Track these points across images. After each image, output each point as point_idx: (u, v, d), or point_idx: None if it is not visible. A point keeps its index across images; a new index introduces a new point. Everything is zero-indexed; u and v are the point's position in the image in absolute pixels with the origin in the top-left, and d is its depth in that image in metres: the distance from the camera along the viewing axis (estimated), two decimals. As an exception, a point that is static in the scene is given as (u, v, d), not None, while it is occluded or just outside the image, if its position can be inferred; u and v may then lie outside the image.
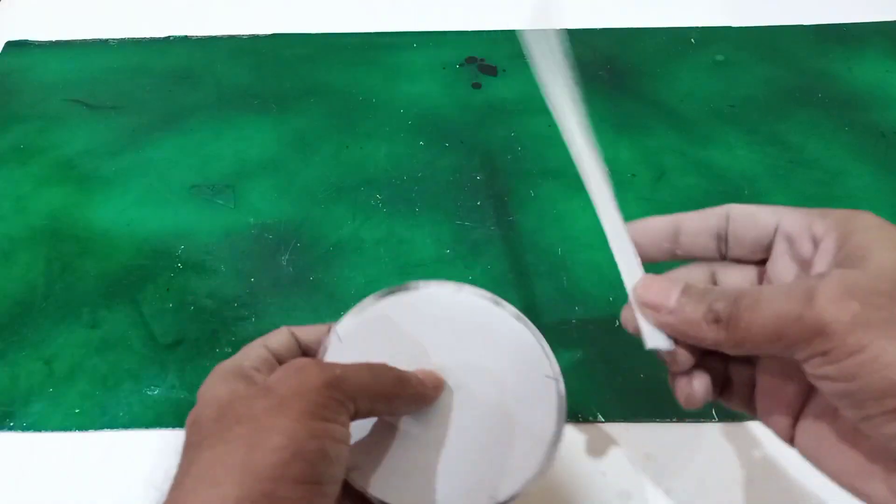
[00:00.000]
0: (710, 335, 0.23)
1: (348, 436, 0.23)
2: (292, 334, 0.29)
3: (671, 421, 0.40)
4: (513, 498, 0.26)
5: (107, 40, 0.65)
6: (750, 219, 0.26)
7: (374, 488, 0.26)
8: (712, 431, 0.39)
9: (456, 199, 0.51)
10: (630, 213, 0.29)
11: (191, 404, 0.40)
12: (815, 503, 0.37)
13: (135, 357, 0.43)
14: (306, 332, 0.29)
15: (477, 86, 0.60)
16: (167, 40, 0.65)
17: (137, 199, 0.52)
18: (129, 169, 0.54)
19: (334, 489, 0.22)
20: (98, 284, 0.46)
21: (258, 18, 0.67)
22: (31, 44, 0.65)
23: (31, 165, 0.54)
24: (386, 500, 0.26)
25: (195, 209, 0.51)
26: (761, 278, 0.27)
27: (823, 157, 0.53)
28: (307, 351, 0.29)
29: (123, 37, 0.65)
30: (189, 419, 0.24)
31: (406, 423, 0.27)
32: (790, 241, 0.25)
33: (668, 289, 0.25)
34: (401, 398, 0.25)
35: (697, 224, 0.27)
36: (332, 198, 0.51)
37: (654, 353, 0.26)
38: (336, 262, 0.47)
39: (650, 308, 0.25)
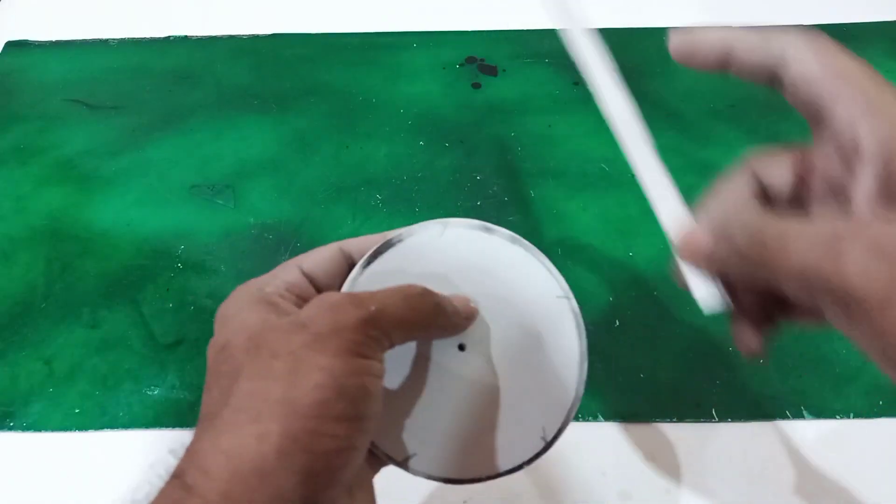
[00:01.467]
0: (732, 266, 0.22)
1: (383, 371, 0.22)
2: (340, 249, 0.27)
3: (671, 421, 0.40)
4: (560, 432, 0.26)
5: (107, 40, 0.65)
6: (804, 85, 0.22)
7: (440, 469, 0.25)
8: (713, 431, 0.39)
9: (456, 199, 0.51)
10: (631, 212, 0.29)
11: (191, 404, 0.41)
12: (815, 502, 0.37)
13: (135, 357, 0.43)
14: (359, 243, 0.27)
15: (477, 86, 0.60)
16: (167, 40, 0.65)
17: (137, 199, 0.52)
18: (129, 169, 0.54)
19: (372, 425, 0.22)
20: (98, 284, 0.46)
21: (258, 18, 0.67)
22: (31, 44, 0.65)
23: (31, 165, 0.54)
24: (432, 473, 0.25)
25: (195, 209, 0.51)
26: (805, 164, 0.24)
27: (823, 157, 0.53)
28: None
29: (123, 37, 0.65)
30: (214, 345, 0.23)
31: (443, 389, 0.26)
32: (836, 134, 0.21)
33: (702, 238, 0.23)
34: (437, 326, 0.25)
35: (750, 60, 0.23)
36: (332, 198, 0.51)
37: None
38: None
39: (693, 261, 0.24)
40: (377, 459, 0.26)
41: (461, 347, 0.26)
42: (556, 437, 0.26)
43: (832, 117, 0.21)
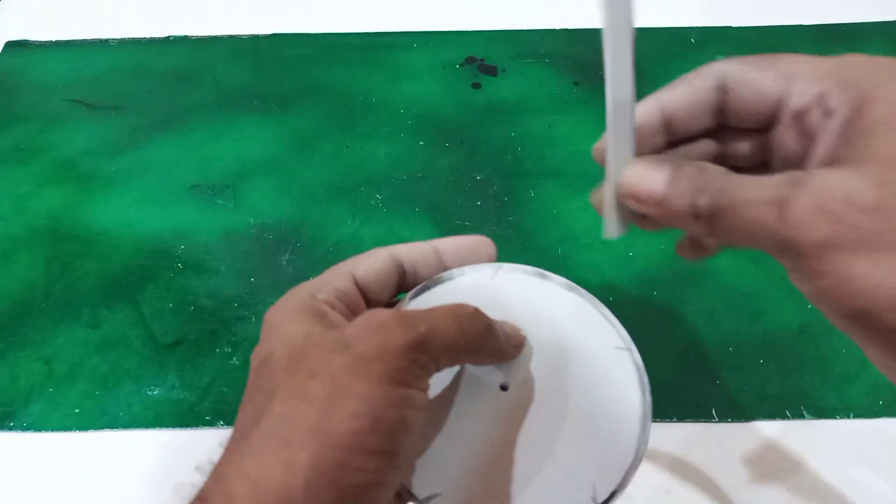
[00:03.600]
0: (696, 230, 0.21)
1: (426, 402, 0.21)
2: (391, 256, 0.25)
3: (671, 421, 0.40)
4: (614, 495, 0.23)
5: (107, 40, 0.65)
6: (749, 90, 0.22)
7: (440, 502, 0.23)
8: (712, 431, 0.39)
9: (456, 199, 0.51)
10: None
11: (191, 405, 0.41)
12: (815, 502, 0.37)
13: (135, 357, 0.43)
14: (410, 251, 0.26)
15: (477, 86, 0.60)
16: (167, 40, 0.65)
17: (137, 199, 0.52)
18: (129, 169, 0.54)
19: (407, 461, 0.21)
20: (98, 284, 0.46)
21: (258, 18, 0.67)
22: (31, 44, 0.65)
23: (31, 165, 0.54)
24: None
25: (195, 209, 0.51)
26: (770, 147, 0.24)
27: (823, 157, 0.53)
28: (407, 274, 0.26)
29: (123, 37, 0.65)
30: (257, 355, 0.22)
31: (479, 430, 0.24)
32: (797, 117, 0.21)
33: (656, 178, 0.21)
34: (486, 351, 0.23)
35: (688, 107, 0.23)
36: (332, 198, 0.51)
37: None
38: (336, 262, 0.47)
39: (636, 199, 0.22)
40: (401, 497, 0.24)
41: (503, 388, 0.25)
42: (608, 500, 0.23)
43: (790, 99, 0.21)
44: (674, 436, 0.39)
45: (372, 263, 0.25)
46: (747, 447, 0.39)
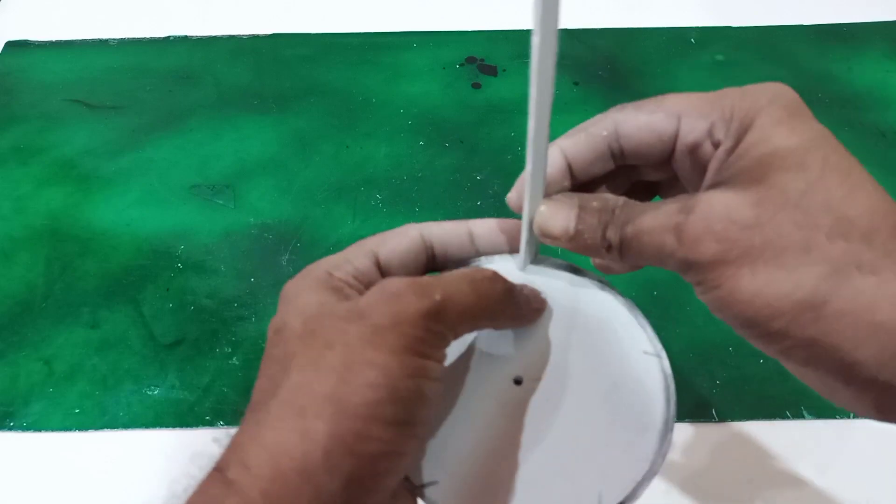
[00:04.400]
0: (608, 259, 0.23)
1: (442, 371, 0.21)
2: (421, 236, 0.25)
3: (671, 421, 0.40)
4: None
5: (107, 40, 0.65)
6: (644, 133, 0.24)
7: (435, 490, 0.22)
8: (713, 431, 0.39)
9: (456, 199, 0.51)
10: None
11: (191, 405, 0.41)
12: (815, 502, 0.37)
13: (135, 357, 0.43)
14: (442, 232, 0.25)
15: (477, 86, 0.60)
16: (167, 40, 0.65)
17: (137, 199, 0.52)
18: (129, 169, 0.54)
19: (426, 431, 0.21)
20: (98, 284, 0.46)
21: (258, 18, 0.67)
22: (31, 44, 0.65)
23: (31, 165, 0.54)
24: None
25: (195, 209, 0.51)
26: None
27: (823, 157, 0.53)
28: (437, 256, 0.25)
29: (123, 37, 0.65)
30: (272, 325, 0.22)
31: (486, 422, 0.23)
32: (691, 151, 0.23)
33: (567, 216, 0.23)
34: (506, 315, 0.23)
35: (587, 155, 0.24)
36: (332, 198, 0.51)
37: None
38: (336, 262, 0.47)
39: (550, 237, 0.24)
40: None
41: (517, 381, 0.24)
42: None
43: (682, 135, 0.23)
44: (674, 436, 0.39)
45: (398, 243, 0.25)
46: (747, 447, 0.39)
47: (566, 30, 0.65)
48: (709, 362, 0.42)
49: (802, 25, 0.65)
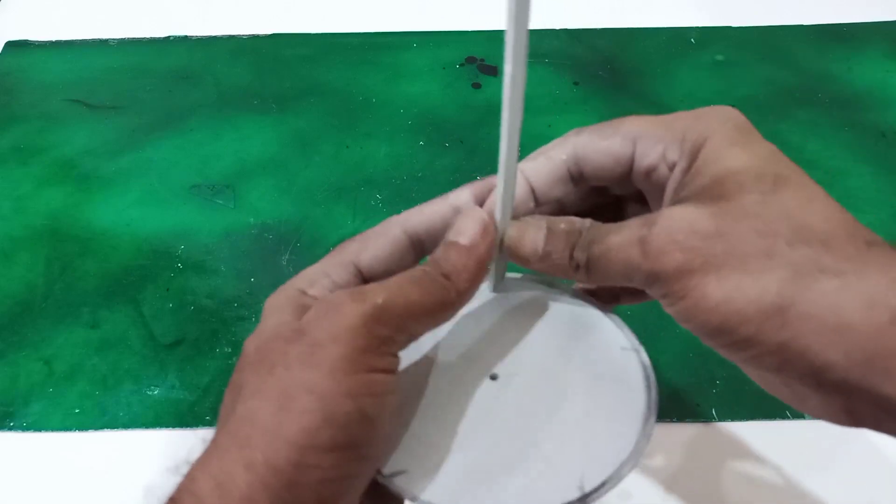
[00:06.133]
0: (577, 278, 0.24)
1: (394, 382, 0.20)
2: (405, 234, 0.24)
3: (671, 421, 0.40)
4: (604, 486, 0.23)
5: (107, 40, 0.65)
6: (602, 156, 0.24)
7: (428, 493, 0.22)
8: (713, 431, 0.39)
9: (456, 199, 0.51)
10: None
11: (190, 405, 0.41)
12: (815, 502, 0.37)
13: (135, 357, 0.43)
14: (426, 219, 0.25)
15: (477, 86, 0.60)
16: (167, 40, 0.65)
17: (137, 199, 0.52)
18: (129, 169, 0.54)
19: (374, 451, 0.20)
20: (98, 284, 0.46)
21: (258, 18, 0.67)
22: (31, 44, 0.65)
23: (31, 165, 0.54)
24: (421, 496, 0.22)
25: (195, 209, 0.51)
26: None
27: (823, 157, 0.53)
28: (426, 245, 0.25)
29: (123, 37, 0.65)
30: (245, 344, 0.22)
31: (463, 415, 0.24)
32: (648, 173, 0.24)
33: (536, 238, 0.24)
34: (453, 305, 0.22)
35: (547, 179, 0.25)
36: (332, 198, 0.51)
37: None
38: (336, 262, 0.47)
39: (519, 258, 0.24)
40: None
41: (493, 377, 0.25)
42: (596, 491, 0.23)
43: (637, 159, 0.24)
44: (674, 436, 0.39)
45: (381, 247, 0.24)
46: (747, 447, 0.39)
47: (566, 30, 0.65)
48: (709, 362, 0.42)
49: (802, 25, 0.65)
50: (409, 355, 0.25)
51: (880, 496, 0.37)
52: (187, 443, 0.39)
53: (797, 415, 0.40)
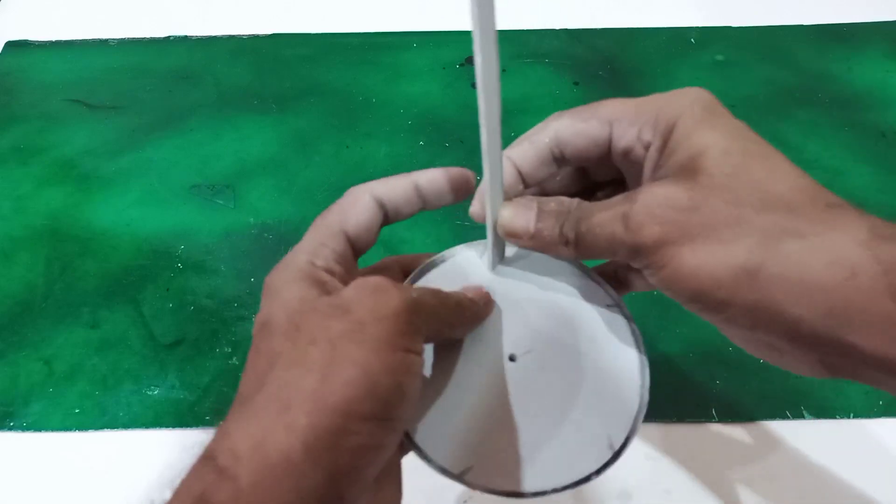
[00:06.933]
0: (566, 253, 0.25)
1: (422, 365, 0.22)
2: (375, 201, 0.26)
3: (671, 421, 0.40)
4: (629, 440, 0.25)
5: (107, 40, 0.65)
6: (581, 139, 0.26)
7: (474, 474, 0.24)
8: (712, 431, 0.39)
9: (456, 199, 0.51)
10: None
11: (190, 405, 0.41)
12: (815, 502, 0.37)
13: (135, 357, 0.43)
14: (390, 190, 0.26)
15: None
16: (167, 40, 0.65)
17: (137, 199, 0.52)
18: (129, 169, 0.54)
19: (402, 425, 0.22)
20: (98, 284, 0.46)
21: (258, 18, 0.67)
22: (31, 44, 0.65)
23: (31, 165, 0.54)
24: (492, 486, 0.24)
25: (195, 209, 0.51)
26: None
27: (823, 157, 0.53)
28: (389, 214, 0.27)
29: (123, 37, 0.65)
30: (258, 319, 0.23)
31: (490, 395, 0.25)
32: (625, 154, 0.26)
33: (527, 217, 0.25)
34: (462, 322, 0.25)
35: (533, 162, 0.27)
36: (332, 198, 0.50)
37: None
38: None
39: (513, 236, 0.26)
40: (403, 445, 0.25)
41: (511, 359, 0.26)
42: (624, 446, 0.25)
43: (614, 141, 0.26)
44: (674, 436, 0.39)
45: (360, 214, 0.26)
46: (747, 447, 0.39)
47: (566, 30, 0.65)
48: (709, 362, 0.42)
49: (802, 25, 0.65)
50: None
51: (880, 496, 0.37)
52: (187, 442, 0.39)
53: (797, 415, 0.40)
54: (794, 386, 0.41)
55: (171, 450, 0.39)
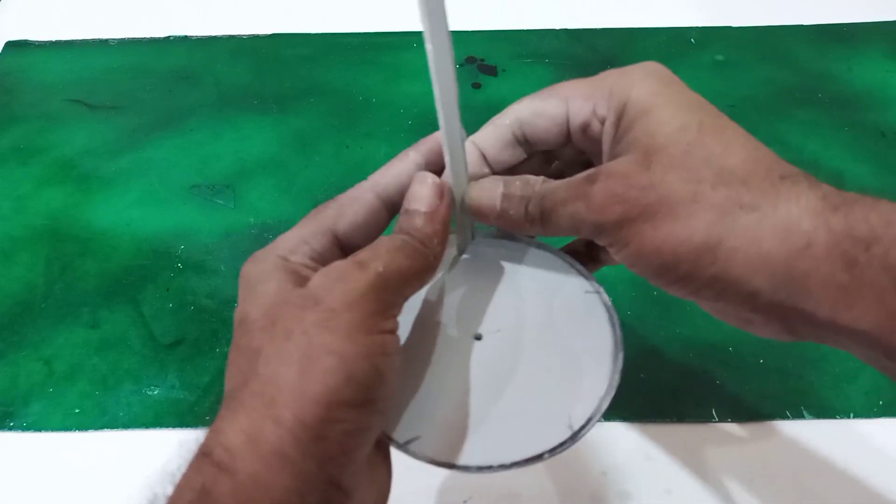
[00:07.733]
0: (533, 231, 0.26)
1: (398, 342, 0.22)
2: (377, 198, 0.27)
3: (671, 421, 0.40)
4: (590, 421, 0.25)
5: (107, 40, 0.65)
6: (540, 118, 0.26)
7: (442, 454, 0.24)
8: (712, 431, 0.39)
9: (456, 199, 0.51)
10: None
11: (190, 405, 0.41)
12: (815, 502, 0.37)
13: (135, 357, 0.43)
14: (394, 178, 0.27)
15: (477, 86, 0.60)
16: (167, 40, 0.65)
17: (137, 199, 0.52)
18: (129, 169, 0.54)
19: (385, 405, 0.22)
20: (98, 284, 0.46)
21: (258, 18, 0.67)
22: (31, 44, 0.65)
23: (31, 165, 0.54)
24: (437, 458, 0.24)
25: (195, 209, 0.51)
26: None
27: (823, 157, 0.53)
28: (397, 205, 0.26)
29: (123, 37, 0.65)
30: (237, 315, 0.24)
31: (455, 375, 0.25)
32: (583, 130, 0.26)
33: (493, 196, 0.26)
34: (433, 267, 0.24)
35: (496, 144, 0.27)
36: (332, 198, 0.51)
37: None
38: (336, 262, 0.47)
39: (480, 215, 0.26)
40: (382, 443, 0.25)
41: (477, 338, 0.26)
42: (584, 427, 0.24)
43: (571, 117, 0.26)
44: (674, 436, 0.39)
45: (357, 213, 0.26)
46: (747, 447, 0.39)
47: (566, 30, 0.65)
48: (709, 362, 0.42)
49: (802, 25, 0.65)
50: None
51: (880, 496, 0.37)
52: (183, 440, 0.39)
53: (797, 415, 0.40)
54: (794, 386, 0.41)
55: (171, 450, 0.39)
